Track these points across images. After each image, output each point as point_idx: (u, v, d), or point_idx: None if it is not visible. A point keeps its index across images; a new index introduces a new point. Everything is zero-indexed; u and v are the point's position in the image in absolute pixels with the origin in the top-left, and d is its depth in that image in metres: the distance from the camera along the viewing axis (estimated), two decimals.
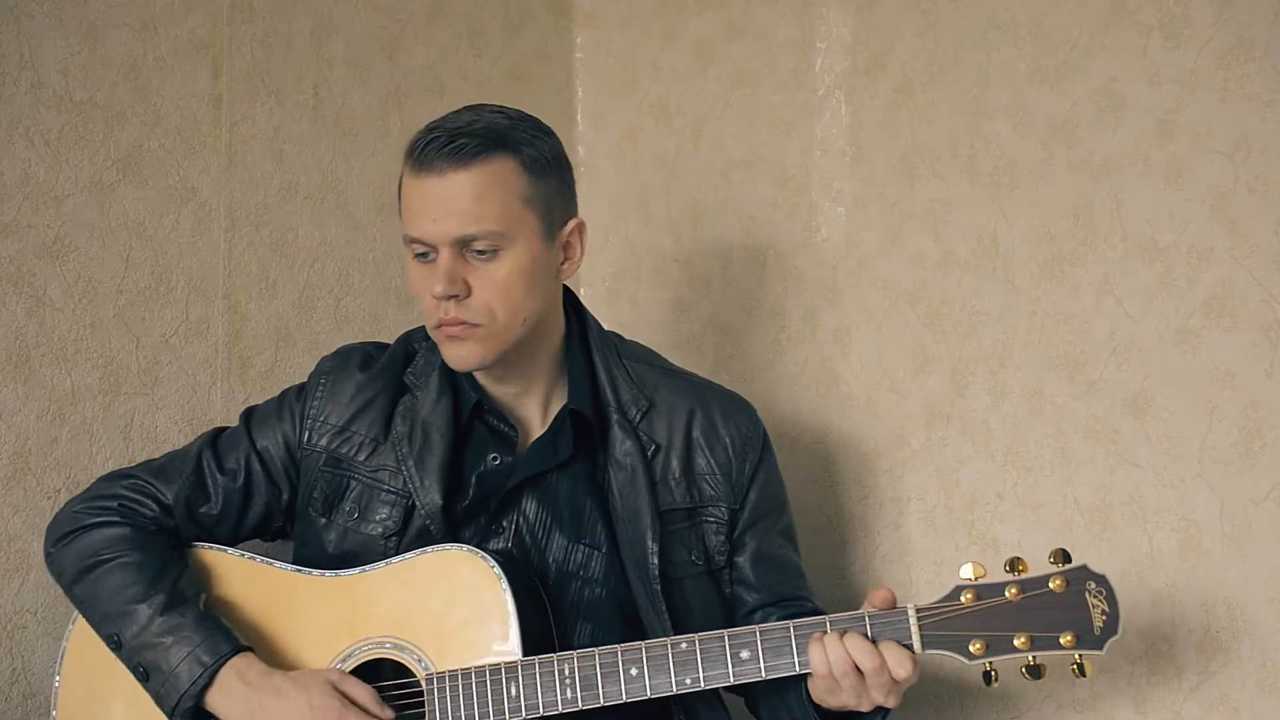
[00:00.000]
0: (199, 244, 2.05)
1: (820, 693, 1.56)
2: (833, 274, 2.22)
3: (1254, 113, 1.79)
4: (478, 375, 1.76)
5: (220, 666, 1.59)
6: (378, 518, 1.73)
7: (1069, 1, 1.97)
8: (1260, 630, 1.77)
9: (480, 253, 1.64)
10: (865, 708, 1.54)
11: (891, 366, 2.15)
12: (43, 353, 1.87)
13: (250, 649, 1.63)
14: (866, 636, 1.51)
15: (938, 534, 2.08)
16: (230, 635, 1.62)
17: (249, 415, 1.82)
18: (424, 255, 1.67)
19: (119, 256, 1.96)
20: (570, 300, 1.83)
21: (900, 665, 1.49)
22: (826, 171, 2.24)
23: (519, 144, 1.66)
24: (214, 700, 1.60)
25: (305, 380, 1.83)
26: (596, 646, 1.61)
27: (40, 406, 1.87)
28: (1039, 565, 1.96)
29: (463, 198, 1.62)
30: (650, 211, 2.47)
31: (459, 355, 1.68)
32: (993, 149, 2.04)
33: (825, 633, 1.52)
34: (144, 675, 1.62)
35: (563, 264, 1.74)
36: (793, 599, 1.80)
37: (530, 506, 1.73)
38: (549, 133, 1.72)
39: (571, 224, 1.73)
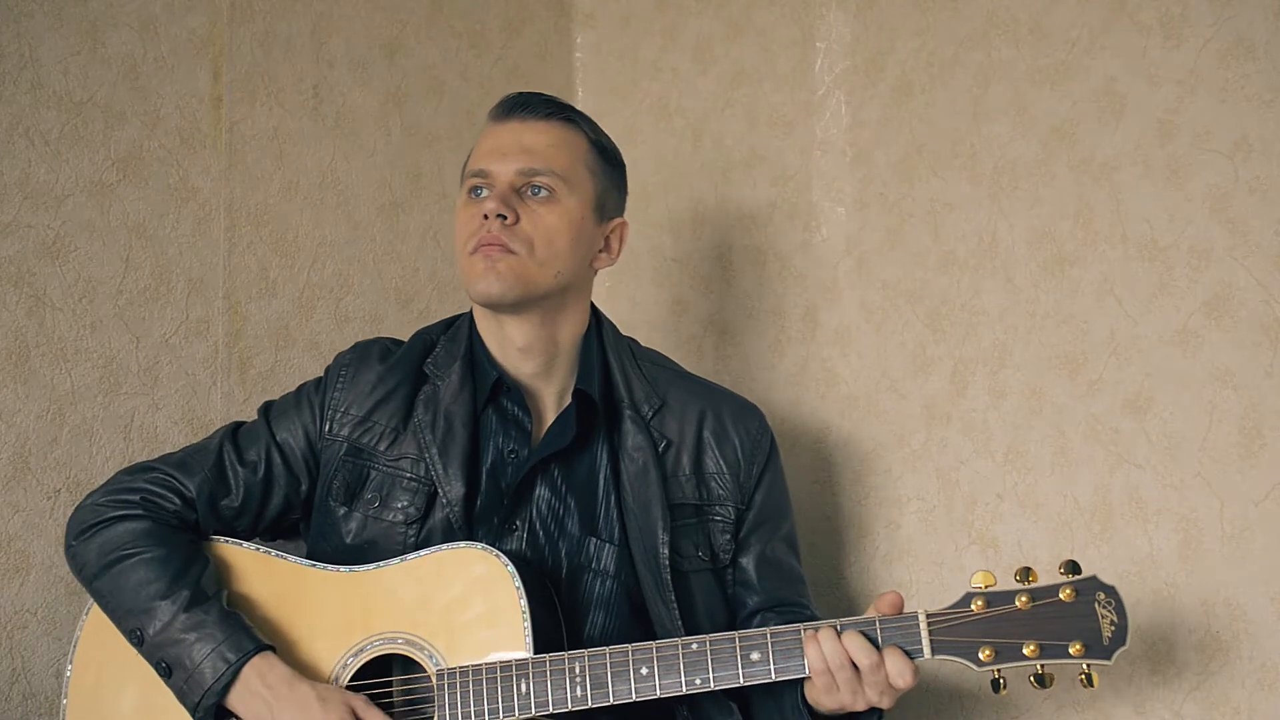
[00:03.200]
0: (199, 244, 2.05)
1: (816, 694, 1.57)
2: (833, 274, 2.22)
3: (1254, 113, 1.79)
4: (498, 356, 1.78)
5: (243, 665, 1.60)
6: (399, 505, 1.74)
7: (1069, 1, 1.97)
8: (1260, 630, 1.77)
9: (537, 191, 1.73)
10: (860, 706, 1.54)
11: (891, 366, 2.15)
12: (43, 353, 1.87)
13: (272, 648, 1.63)
14: (865, 636, 1.51)
15: (938, 534, 2.08)
16: (252, 634, 1.63)
17: (267, 409, 1.83)
18: (477, 191, 1.76)
19: (119, 256, 1.96)
20: (593, 305, 1.87)
21: (901, 675, 1.50)
22: (826, 171, 2.24)
23: (593, 130, 1.82)
24: (235, 699, 1.60)
25: (321, 375, 1.84)
26: (606, 638, 1.62)
27: (40, 406, 1.87)
28: (1043, 568, 1.96)
29: (537, 141, 1.75)
30: (650, 212, 2.47)
31: (490, 275, 1.70)
32: (993, 149, 2.04)
33: (819, 630, 1.52)
34: (166, 671, 1.62)
35: (600, 252, 1.81)
36: (793, 605, 1.82)
37: (544, 500, 1.75)
38: (614, 144, 1.86)
39: (618, 220, 1.84)
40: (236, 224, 2.09)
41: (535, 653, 1.58)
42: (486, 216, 1.70)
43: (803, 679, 1.56)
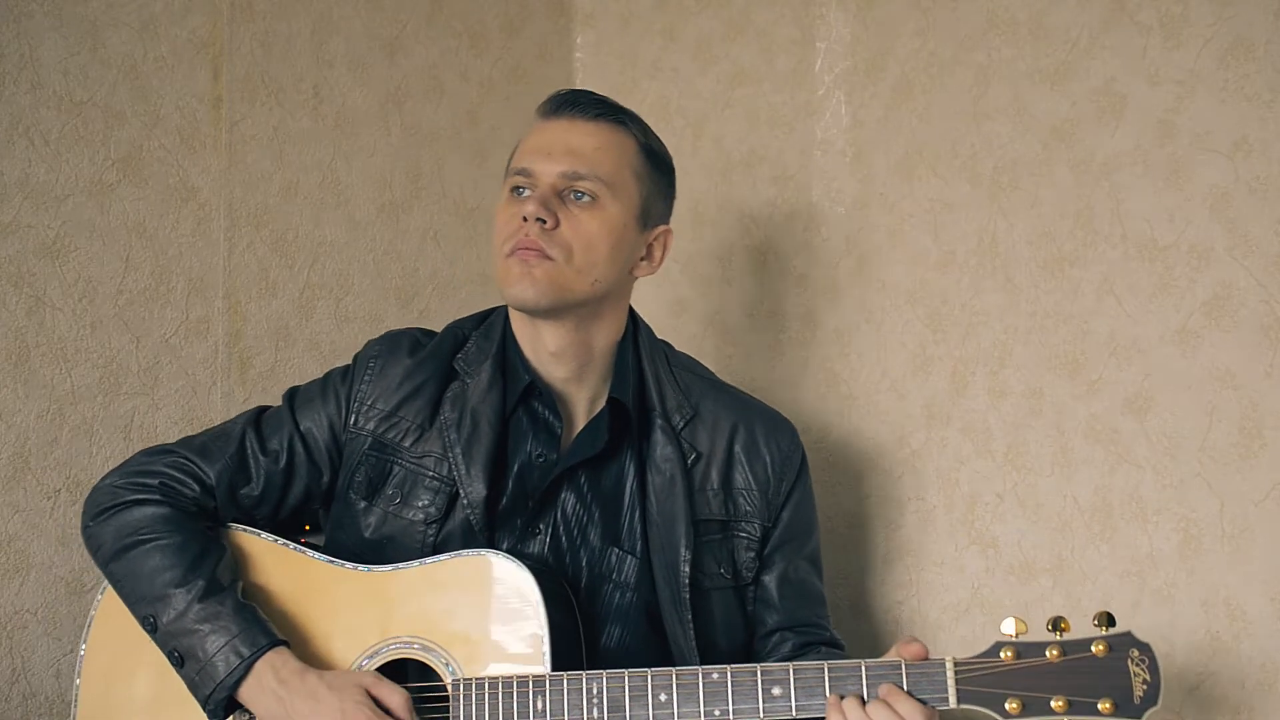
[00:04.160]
0: (199, 244, 2.05)
1: None
2: (833, 274, 2.22)
3: (1254, 113, 1.79)
4: (531, 357, 1.75)
5: (256, 660, 1.59)
6: (420, 504, 1.72)
7: (1069, 1, 1.97)
8: (1260, 630, 1.77)
9: (579, 196, 1.69)
10: None
11: (891, 366, 2.15)
12: (43, 353, 1.88)
13: (285, 643, 1.62)
14: (890, 707, 1.47)
15: (938, 534, 2.08)
16: (267, 628, 1.62)
17: (292, 396, 1.81)
18: (519, 190, 1.71)
19: (119, 256, 1.96)
20: (630, 309, 1.84)
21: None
22: (826, 171, 2.24)
23: (643, 132, 1.77)
24: (247, 693, 1.59)
25: (349, 363, 1.82)
26: (623, 651, 1.59)
27: (40, 406, 1.87)
28: (1045, 566, 1.96)
29: (584, 143, 1.71)
30: None
31: (524, 281, 1.66)
32: (993, 149, 2.04)
33: (843, 697, 1.49)
34: (178, 660, 1.61)
35: (641, 259, 1.77)
36: (812, 626, 1.81)
37: (569, 505, 1.73)
38: (665, 147, 1.82)
39: (663, 228, 1.79)
40: (236, 224, 2.09)
41: (554, 666, 1.56)
42: (526, 219, 1.66)
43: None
